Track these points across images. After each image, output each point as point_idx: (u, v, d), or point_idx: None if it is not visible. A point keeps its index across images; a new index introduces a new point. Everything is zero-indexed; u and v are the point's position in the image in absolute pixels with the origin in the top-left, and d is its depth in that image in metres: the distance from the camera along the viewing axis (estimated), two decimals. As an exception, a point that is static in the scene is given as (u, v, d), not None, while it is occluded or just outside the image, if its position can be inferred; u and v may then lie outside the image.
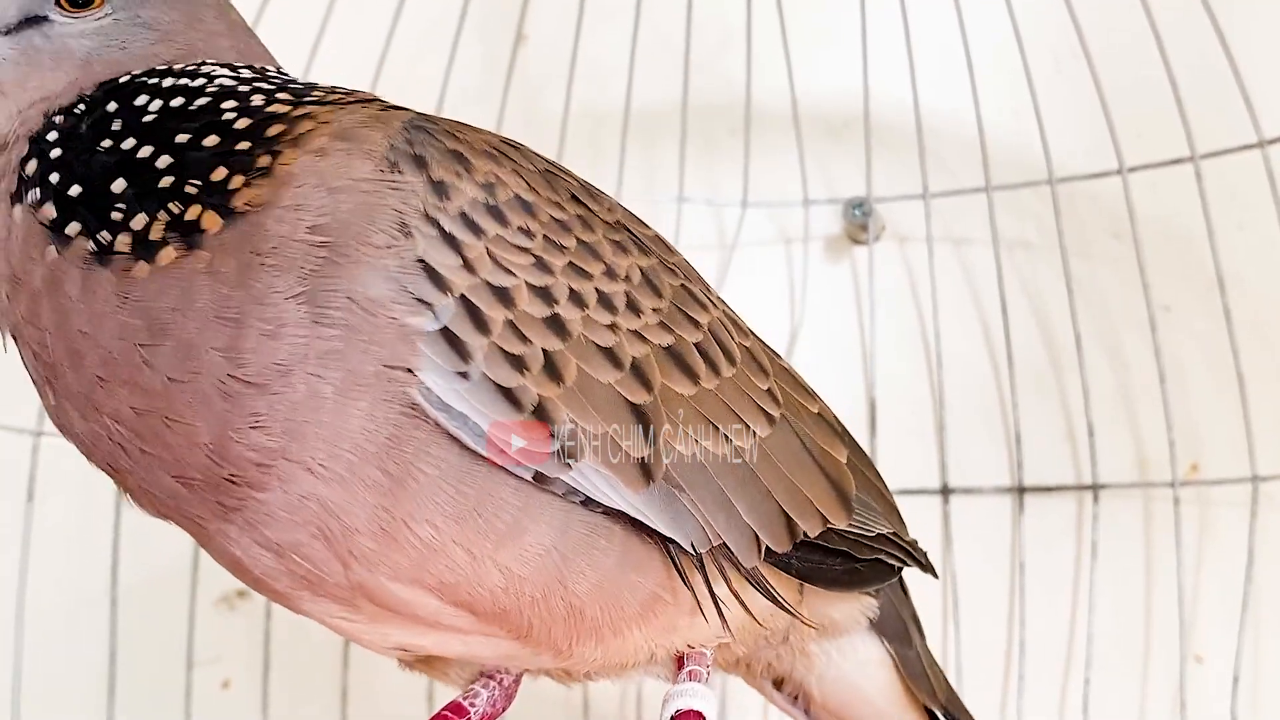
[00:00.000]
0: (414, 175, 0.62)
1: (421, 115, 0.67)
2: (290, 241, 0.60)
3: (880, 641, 0.84)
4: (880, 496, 0.80)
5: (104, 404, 0.62)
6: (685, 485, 0.67)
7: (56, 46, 0.68)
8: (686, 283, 0.72)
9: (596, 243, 0.68)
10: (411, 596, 0.65)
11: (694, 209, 1.27)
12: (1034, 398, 1.20)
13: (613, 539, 0.66)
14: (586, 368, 0.64)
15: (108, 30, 0.68)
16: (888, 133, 1.24)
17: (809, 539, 0.72)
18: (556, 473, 0.63)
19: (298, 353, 0.60)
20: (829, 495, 0.74)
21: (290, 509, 0.62)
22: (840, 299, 1.27)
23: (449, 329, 0.61)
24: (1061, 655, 1.18)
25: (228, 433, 0.61)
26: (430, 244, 0.61)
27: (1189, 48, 1.09)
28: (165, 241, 0.61)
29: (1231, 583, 1.11)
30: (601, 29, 1.24)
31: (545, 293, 0.64)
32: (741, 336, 0.74)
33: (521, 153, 0.69)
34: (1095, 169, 1.16)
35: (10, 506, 1.11)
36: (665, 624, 0.70)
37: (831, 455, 0.76)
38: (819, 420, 0.77)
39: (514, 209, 0.65)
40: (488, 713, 0.77)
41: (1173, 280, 1.19)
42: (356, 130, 0.64)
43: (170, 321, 0.60)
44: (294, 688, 1.18)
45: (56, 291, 0.62)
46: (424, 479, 0.61)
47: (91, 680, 1.14)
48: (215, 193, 0.61)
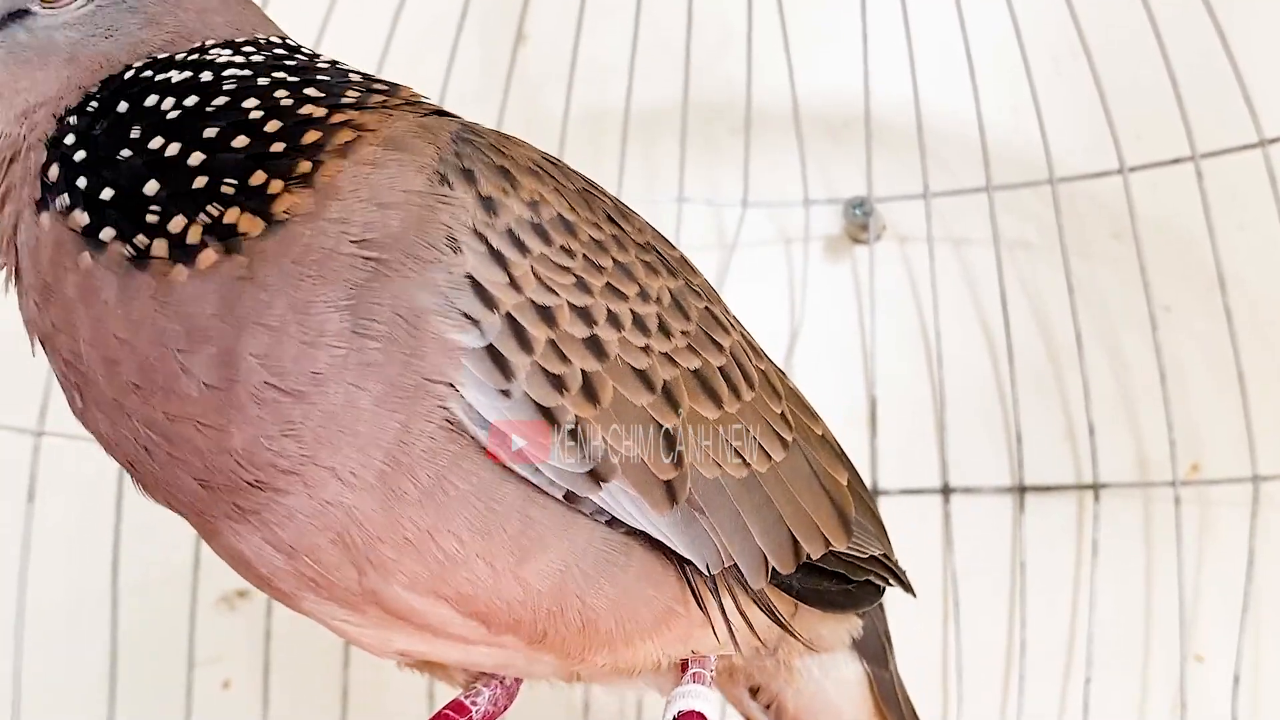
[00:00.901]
0: (464, 190, 0.62)
1: (465, 125, 0.66)
2: (335, 254, 0.60)
3: (860, 661, 0.84)
4: (873, 517, 0.81)
5: (136, 410, 0.61)
6: (705, 507, 0.67)
7: (41, 40, 0.66)
8: (710, 305, 0.73)
9: (630, 264, 0.68)
10: (425, 606, 0.65)
11: (694, 209, 1.27)
12: (1034, 397, 1.20)
13: (632, 557, 0.66)
14: (622, 389, 0.65)
15: (92, 18, 0.66)
16: (888, 132, 1.23)
17: (810, 560, 0.73)
18: (588, 492, 0.63)
19: (337, 362, 0.59)
20: (832, 518, 0.74)
21: (312, 513, 0.62)
22: (840, 299, 1.27)
23: (494, 346, 0.61)
24: (1061, 655, 1.18)
25: (260, 439, 0.60)
26: (479, 260, 0.61)
27: (1189, 47, 1.09)
28: (204, 244, 0.60)
29: (1232, 583, 1.11)
30: (601, 29, 1.24)
31: (585, 313, 0.64)
32: (757, 359, 0.75)
33: (561, 170, 0.69)
34: (1095, 169, 1.16)
35: (10, 506, 1.11)
36: (677, 636, 0.70)
37: (835, 478, 0.76)
38: (823, 443, 0.78)
39: (557, 228, 0.65)
40: (489, 712, 0.77)
41: (1173, 280, 1.19)
42: (408, 140, 0.63)
43: (209, 327, 0.60)
44: (294, 688, 1.18)
45: (92, 299, 0.61)
46: (455, 493, 0.61)
47: (92, 680, 1.14)
48: (253, 197, 0.61)
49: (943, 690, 1.17)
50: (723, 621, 0.69)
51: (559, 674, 0.74)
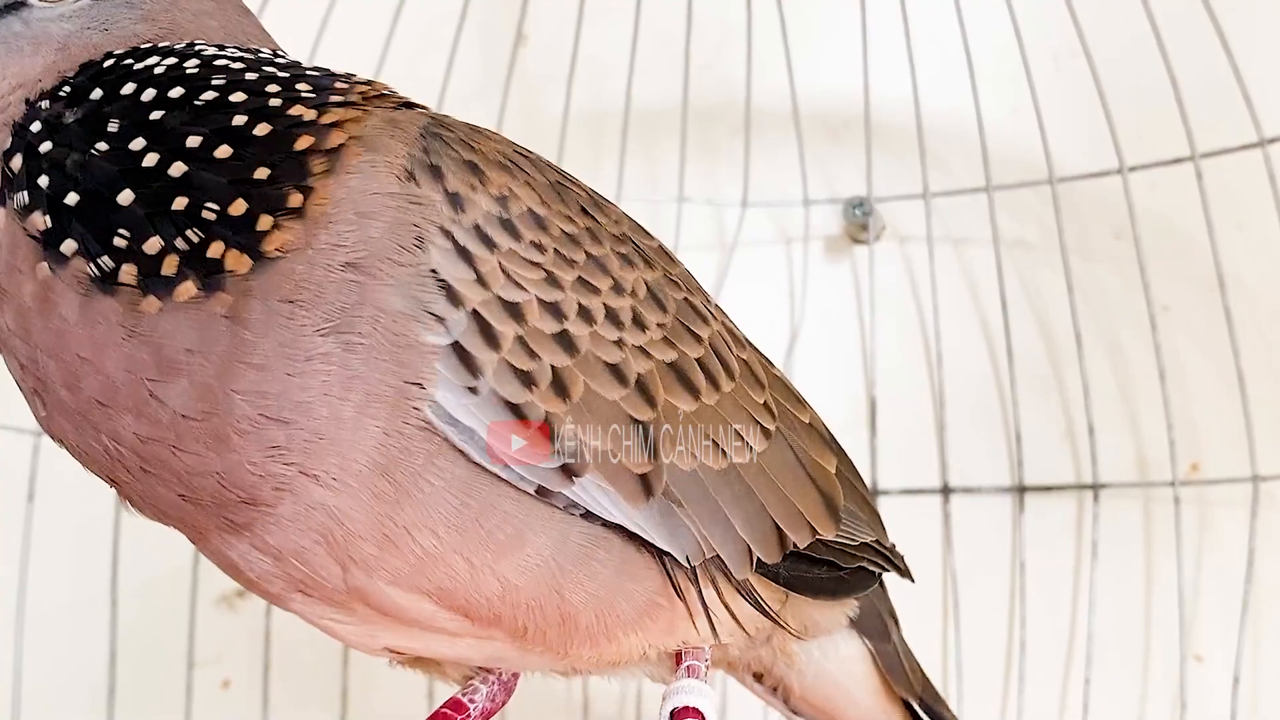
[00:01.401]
0: (430, 187, 0.61)
1: (435, 119, 0.65)
2: (325, 281, 0.59)
3: (859, 638, 0.84)
4: (864, 504, 0.80)
5: (103, 425, 0.60)
6: (683, 500, 0.67)
7: (35, 31, 0.64)
8: (689, 295, 0.72)
9: (604, 256, 0.67)
10: (408, 601, 0.65)
11: (694, 209, 1.27)
12: (1034, 397, 1.20)
13: (611, 550, 0.66)
14: (593, 384, 0.64)
15: (88, 11, 0.65)
16: (888, 132, 1.23)
17: (797, 549, 0.73)
18: (560, 487, 0.63)
19: (323, 383, 0.59)
20: (819, 507, 0.74)
21: (296, 517, 0.62)
22: (840, 299, 1.27)
23: (460, 344, 0.60)
24: (1061, 655, 1.18)
25: (244, 464, 0.59)
26: (444, 257, 0.60)
27: (1189, 47, 1.09)
28: (181, 277, 0.58)
29: (1231, 583, 1.11)
30: (601, 29, 1.24)
31: (555, 308, 0.64)
32: (739, 348, 0.74)
33: (532, 163, 0.68)
34: (1095, 169, 1.16)
35: (10, 506, 1.11)
36: (660, 628, 0.70)
37: (822, 466, 0.76)
38: (810, 430, 0.77)
39: (526, 223, 0.64)
40: (487, 708, 0.77)
41: (1173, 280, 1.19)
42: (379, 140, 0.62)
43: (184, 361, 0.58)
44: (294, 687, 1.18)
45: (49, 312, 0.59)
46: (429, 490, 0.61)
47: (91, 680, 1.14)
48: (240, 230, 0.58)
49: (942, 690, 1.17)
50: (703, 613, 0.69)
51: (552, 666, 0.74)
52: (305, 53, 1.12)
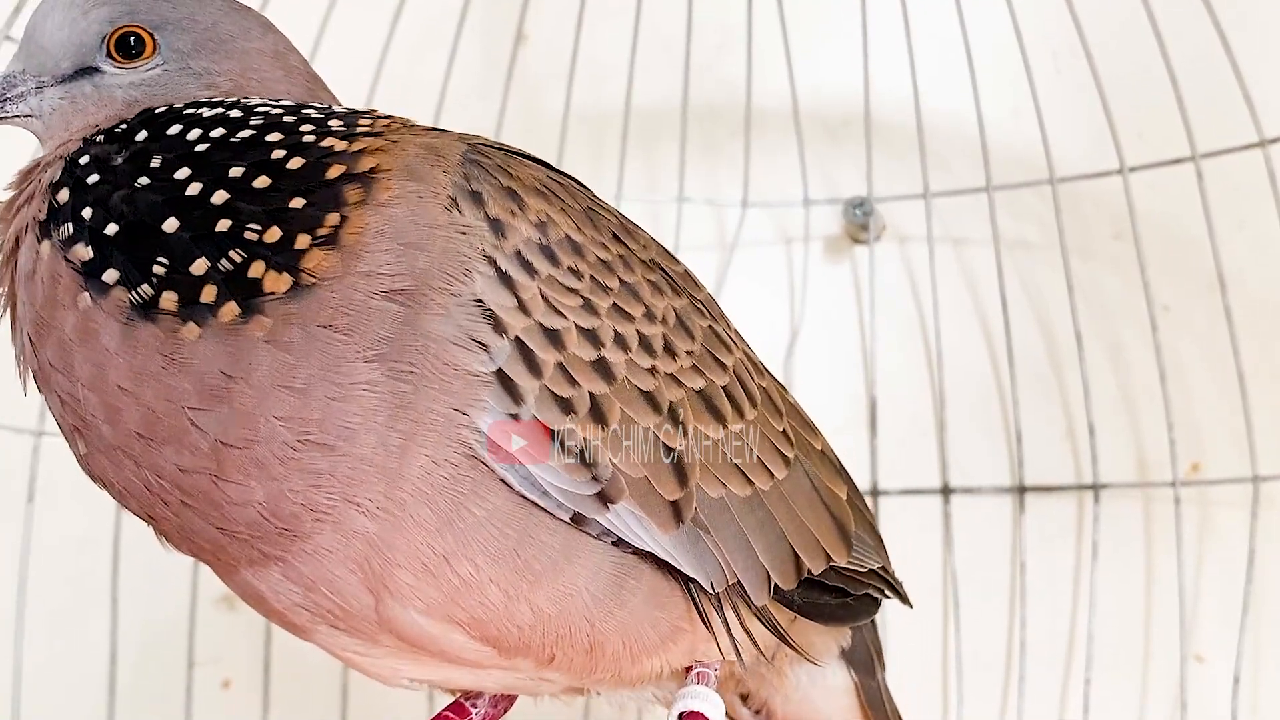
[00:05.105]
0: (473, 214, 0.62)
1: (473, 146, 0.66)
2: (366, 309, 0.59)
3: (848, 669, 0.85)
4: (871, 530, 0.81)
5: (143, 459, 0.60)
6: (710, 526, 0.67)
7: (104, 95, 0.67)
8: (713, 323, 0.73)
9: (637, 284, 0.68)
10: (439, 631, 0.65)
11: (694, 209, 1.27)
12: (1034, 397, 1.20)
13: (640, 578, 0.66)
14: (629, 411, 0.64)
15: (157, 79, 0.67)
16: (888, 132, 1.24)
17: (812, 576, 0.73)
18: (595, 514, 0.63)
19: (370, 411, 0.59)
20: (833, 533, 0.75)
21: (334, 546, 0.61)
22: (840, 299, 1.27)
23: (504, 371, 0.60)
24: (1061, 655, 1.18)
25: (285, 493, 0.59)
26: (488, 284, 0.61)
27: (1190, 47, 1.09)
28: (221, 301, 0.58)
29: (1232, 583, 1.11)
30: (601, 29, 1.24)
31: (593, 335, 0.64)
32: (759, 376, 0.75)
33: (567, 189, 0.69)
34: (1096, 169, 1.16)
35: (10, 506, 1.11)
36: (681, 650, 0.70)
37: (835, 493, 0.76)
38: (823, 458, 0.78)
39: (564, 249, 0.64)
40: (489, 714, 0.77)
41: (1173, 280, 1.19)
42: (422, 169, 0.62)
43: (224, 387, 0.58)
44: (294, 687, 1.18)
45: (91, 343, 0.59)
46: (470, 519, 0.61)
47: (92, 680, 1.14)
48: (280, 250, 0.59)
49: (943, 690, 1.17)
50: (727, 637, 0.69)
51: (564, 691, 0.74)
52: (305, 53, 1.12)
